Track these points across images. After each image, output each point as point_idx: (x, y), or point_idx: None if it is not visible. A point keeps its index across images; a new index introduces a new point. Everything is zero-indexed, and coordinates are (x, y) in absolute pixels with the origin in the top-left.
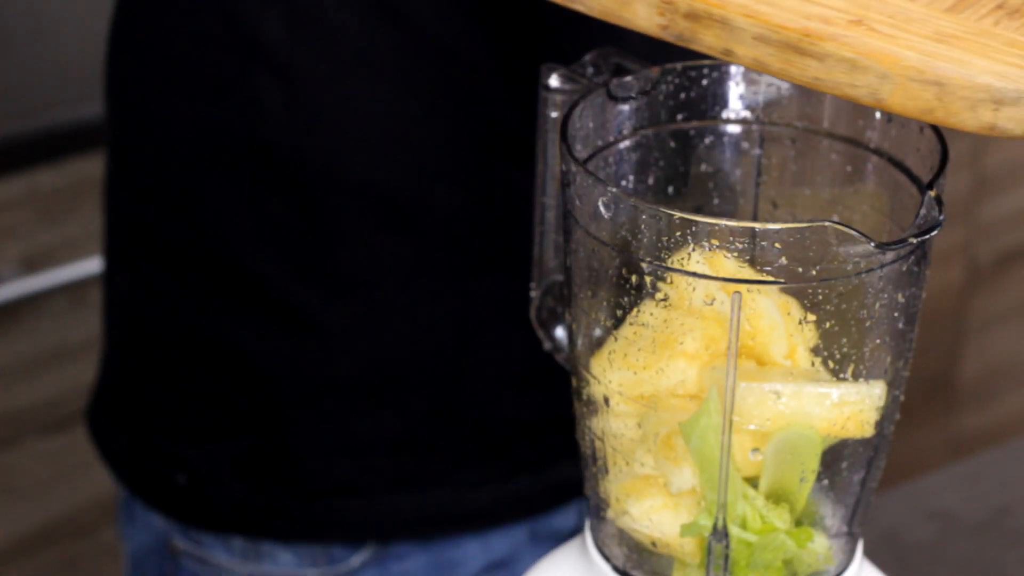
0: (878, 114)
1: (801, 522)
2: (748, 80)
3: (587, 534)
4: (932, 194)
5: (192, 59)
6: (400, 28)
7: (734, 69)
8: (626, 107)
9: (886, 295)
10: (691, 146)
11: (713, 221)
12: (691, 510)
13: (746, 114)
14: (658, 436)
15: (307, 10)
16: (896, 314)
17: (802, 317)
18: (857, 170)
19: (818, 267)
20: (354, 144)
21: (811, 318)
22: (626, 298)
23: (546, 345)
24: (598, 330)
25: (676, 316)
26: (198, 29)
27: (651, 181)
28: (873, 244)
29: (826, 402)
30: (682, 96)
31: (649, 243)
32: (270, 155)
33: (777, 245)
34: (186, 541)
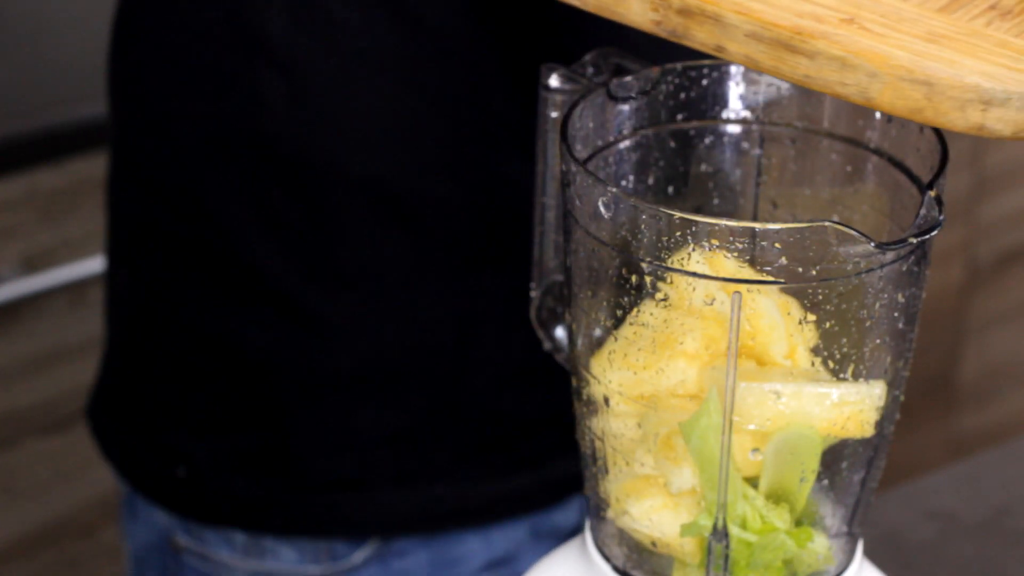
0: (878, 114)
1: (801, 522)
2: (748, 80)
3: (587, 534)
4: (932, 194)
5: (195, 53)
6: (403, 24)
7: (734, 69)
8: (626, 107)
9: (886, 295)
10: (691, 146)
11: (713, 221)
12: (691, 510)
13: (746, 114)
14: (658, 436)
15: (310, 6)
16: (896, 314)
17: (802, 317)
18: (857, 170)
19: (818, 267)
20: (356, 140)
21: (811, 318)
22: (626, 298)
23: (546, 345)
24: (598, 330)
25: (676, 316)
26: (201, 24)
27: (651, 181)
28: (873, 244)
29: (826, 402)
30: (682, 96)
31: (649, 243)
32: (272, 150)
33: (777, 245)
34: (188, 538)
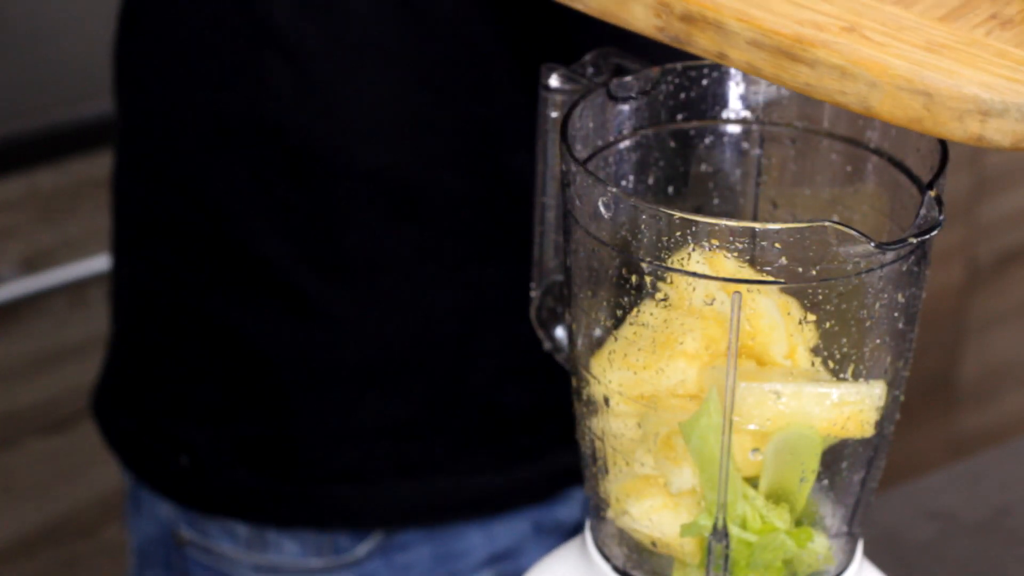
0: None
1: (801, 522)
2: (748, 80)
3: (587, 534)
4: (932, 194)
5: (201, 42)
6: (410, 14)
7: (734, 69)
8: (626, 107)
9: (886, 295)
10: (691, 146)
11: (713, 221)
12: (691, 510)
13: (746, 114)
14: (658, 436)
15: None
16: (896, 314)
17: (802, 317)
18: (857, 170)
19: (818, 267)
20: (362, 130)
21: (811, 318)
22: (626, 298)
23: (546, 345)
24: (598, 330)
25: (676, 316)
26: (208, 11)
27: (651, 181)
28: (873, 244)
29: (826, 402)
30: (682, 96)
31: (649, 243)
32: (279, 139)
33: (777, 245)
34: (191, 531)
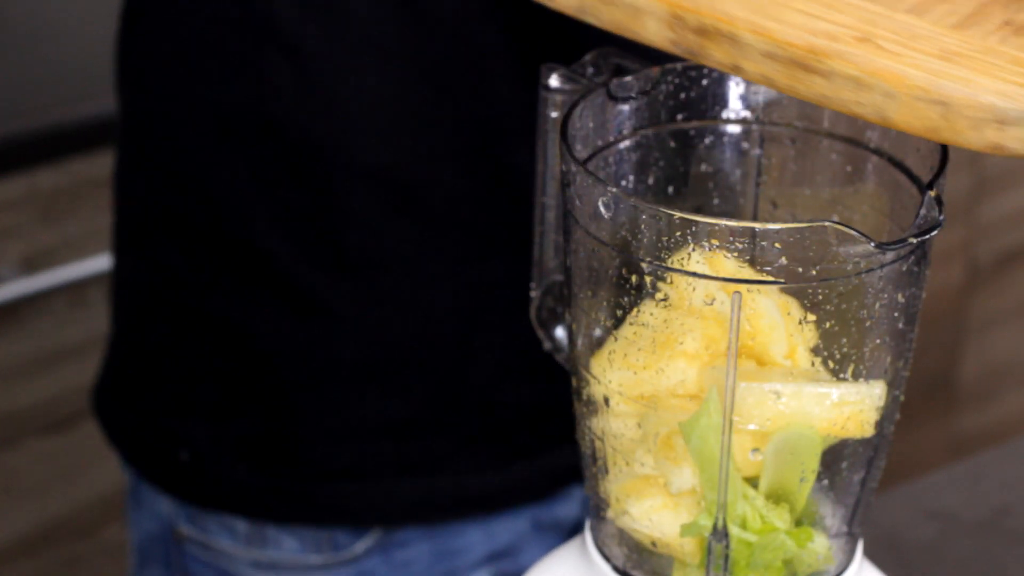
0: None
1: (801, 522)
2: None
3: (587, 534)
4: (932, 194)
5: (203, 39)
6: (411, 11)
7: None
8: (626, 107)
9: (886, 295)
10: (691, 146)
11: (713, 221)
12: (691, 510)
13: (746, 114)
14: (658, 436)
15: None
16: (896, 314)
17: (802, 317)
18: (857, 170)
19: (818, 267)
20: (363, 127)
21: (811, 318)
22: (626, 298)
23: (546, 345)
24: (598, 330)
25: (676, 316)
26: (210, 9)
27: (651, 181)
28: (873, 244)
29: (826, 402)
30: (682, 96)
31: (649, 243)
32: (280, 135)
33: (777, 245)
34: (191, 527)
